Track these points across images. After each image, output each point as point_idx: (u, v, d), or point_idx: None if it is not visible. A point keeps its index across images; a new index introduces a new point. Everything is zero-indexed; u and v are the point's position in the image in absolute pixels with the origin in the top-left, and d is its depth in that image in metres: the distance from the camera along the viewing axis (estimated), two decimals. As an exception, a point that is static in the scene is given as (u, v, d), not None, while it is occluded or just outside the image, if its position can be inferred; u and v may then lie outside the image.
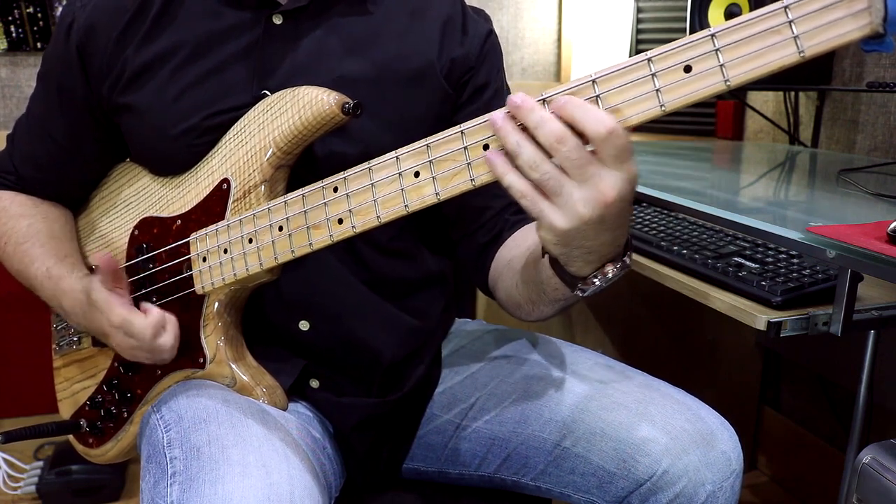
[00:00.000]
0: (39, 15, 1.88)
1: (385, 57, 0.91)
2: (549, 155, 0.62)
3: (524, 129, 0.63)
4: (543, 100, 0.63)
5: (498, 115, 0.64)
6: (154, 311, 0.85)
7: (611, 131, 0.59)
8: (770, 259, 1.09)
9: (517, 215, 0.96)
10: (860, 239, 0.84)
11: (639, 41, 2.13)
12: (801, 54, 0.55)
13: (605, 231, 0.65)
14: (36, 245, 0.97)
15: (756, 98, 1.93)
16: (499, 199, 0.96)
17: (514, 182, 0.64)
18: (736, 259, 1.11)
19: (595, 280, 0.72)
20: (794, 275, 1.03)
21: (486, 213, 0.97)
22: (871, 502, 0.84)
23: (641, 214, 1.37)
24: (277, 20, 0.89)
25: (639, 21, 2.12)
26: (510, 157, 0.63)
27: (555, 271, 0.74)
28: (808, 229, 0.90)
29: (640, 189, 1.19)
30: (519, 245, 0.93)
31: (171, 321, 0.87)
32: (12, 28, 1.88)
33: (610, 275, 0.71)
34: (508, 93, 1.02)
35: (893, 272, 0.81)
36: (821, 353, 1.72)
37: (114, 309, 0.85)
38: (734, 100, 1.95)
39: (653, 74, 0.60)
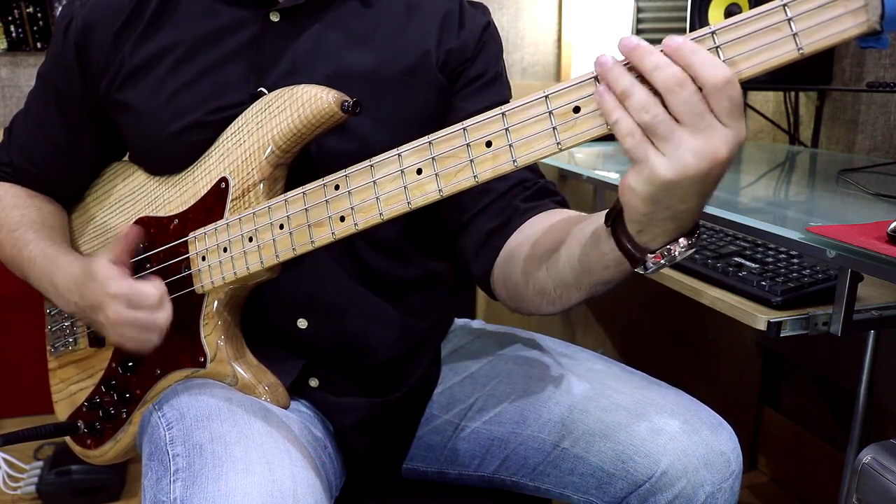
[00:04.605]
0: (39, 15, 1.88)
1: (382, 53, 0.91)
2: (661, 101, 0.58)
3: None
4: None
5: (607, 57, 0.60)
6: (159, 282, 0.84)
7: (728, 80, 0.56)
8: (770, 259, 1.09)
9: (528, 202, 0.91)
10: (860, 239, 0.84)
11: (639, 41, 2.13)
12: (800, 51, 0.55)
13: (697, 195, 0.61)
14: (29, 231, 0.97)
15: (756, 98, 1.93)
16: (501, 182, 0.90)
17: (622, 119, 0.59)
18: (736, 259, 1.11)
19: (663, 255, 0.67)
20: (794, 275, 1.03)
21: (488, 195, 0.91)
22: (871, 502, 0.84)
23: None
24: (275, 17, 0.89)
25: (639, 21, 2.12)
26: (620, 98, 0.59)
27: (617, 243, 0.68)
28: (808, 229, 0.90)
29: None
30: (545, 228, 0.85)
31: (168, 300, 0.85)
32: (12, 28, 1.88)
33: (679, 250, 0.67)
34: (507, 82, 1.01)
35: (893, 272, 0.81)
36: (821, 353, 1.72)
37: (117, 278, 0.84)
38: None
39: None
